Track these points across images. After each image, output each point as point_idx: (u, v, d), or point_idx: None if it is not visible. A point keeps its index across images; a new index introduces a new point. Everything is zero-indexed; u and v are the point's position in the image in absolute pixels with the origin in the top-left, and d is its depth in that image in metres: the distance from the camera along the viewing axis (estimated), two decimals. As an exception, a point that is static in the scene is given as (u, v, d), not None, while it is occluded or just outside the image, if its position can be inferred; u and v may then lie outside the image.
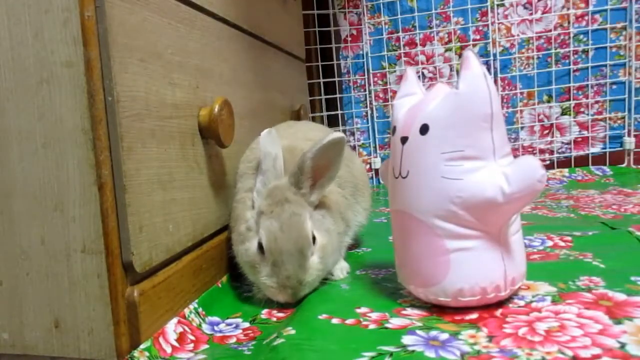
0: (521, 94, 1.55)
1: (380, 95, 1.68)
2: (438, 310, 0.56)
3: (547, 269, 0.65)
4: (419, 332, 0.51)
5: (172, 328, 0.57)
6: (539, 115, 1.55)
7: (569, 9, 1.49)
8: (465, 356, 0.45)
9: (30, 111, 0.53)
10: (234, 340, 0.58)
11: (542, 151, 1.56)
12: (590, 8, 1.48)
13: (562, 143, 1.55)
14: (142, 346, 0.53)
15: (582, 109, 1.53)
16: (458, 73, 0.54)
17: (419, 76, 1.59)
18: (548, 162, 1.55)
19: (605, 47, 1.48)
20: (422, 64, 1.62)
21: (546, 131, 1.55)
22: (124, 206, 0.52)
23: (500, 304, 0.55)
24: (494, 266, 0.53)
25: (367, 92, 1.68)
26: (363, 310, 0.58)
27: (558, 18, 1.51)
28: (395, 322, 0.54)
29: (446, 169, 0.52)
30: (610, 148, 1.52)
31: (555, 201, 1.18)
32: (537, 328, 0.49)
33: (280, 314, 0.64)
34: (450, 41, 1.60)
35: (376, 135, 1.69)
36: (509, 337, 0.48)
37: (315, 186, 0.67)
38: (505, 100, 1.56)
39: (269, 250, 0.63)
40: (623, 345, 0.44)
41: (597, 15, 1.48)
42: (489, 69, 1.55)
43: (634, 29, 1.45)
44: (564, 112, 1.54)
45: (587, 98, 1.51)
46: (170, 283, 0.59)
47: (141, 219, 0.54)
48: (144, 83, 0.57)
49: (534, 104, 1.55)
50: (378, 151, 1.69)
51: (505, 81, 1.56)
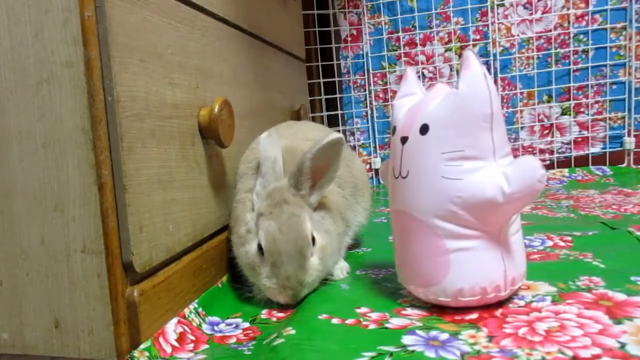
0: (521, 94, 1.55)
1: (380, 95, 1.68)
2: (438, 310, 0.56)
3: (547, 269, 0.65)
4: (419, 332, 0.51)
5: (172, 328, 0.57)
6: (539, 115, 1.55)
7: (569, 9, 1.49)
8: (465, 356, 0.45)
9: (30, 111, 0.53)
10: (234, 340, 0.58)
11: (542, 151, 1.56)
12: (590, 8, 1.48)
13: (562, 143, 1.55)
14: (142, 346, 0.53)
15: (582, 109, 1.53)
16: (458, 73, 0.54)
17: (419, 76, 1.59)
18: (548, 162, 1.55)
19: (605, 47, 1.48)
20: (422, 64, 1.62)
21: (546, 131, 1.55)
22: (124, 206, 0.52)
23: (500, 304, 0.55)
24: (494, 266, 0.53)
25: (367, 92, 1.68)
26: (363, 310, 0.58)
27: (558, 18, 1.51)
28: (395, 322, 0.54)
29: (446, 169, 0.52)
30: (610, 148, 1.52)
31: (555, 201, 1.18)
32: (537, 328, 0.49)
33: (280, 314, 0.64)
34: (450, 41, 1.60)
35: (376, 135, 1.69)
36: (509, 337, 0.48)
37: (314, 187, 0.67)
38: (505, 100, 1.56)
39: (268, 251, 0.63)
40: (623, 345, 0.44)
41: (597, 15, 1.48)
42: (489, 69, 1.55)
43: (634, 29, 1.45)
44: (564, 112, 1.54)
45: (587, 98, 1.51)
46: (170, 283, 0.59)
47: (141, 219, 0.54)
48: (144, 83, 0.57)
49: (534, 104, 1.55)
50: (378, 151, 1.69)
51: (505, 81, 1.56)
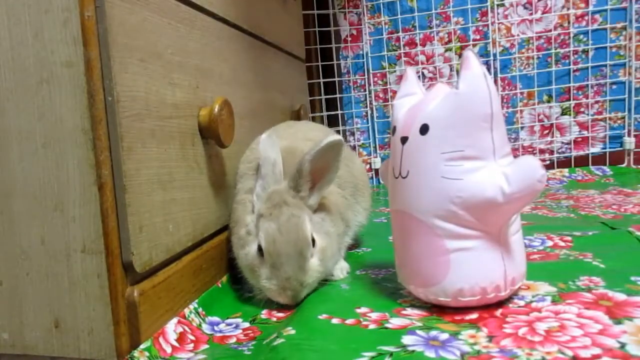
0: (521, 94, 1.55)
1: (380, 95, 1.68)
2: (438, 310, 0.56)
3: (547, 269, 0.65)
4: (419, 332, 0.51)
5: (172, 328, 0.57)
6: (539, 115, 1.55)
7: (569, 9, 1.49)
8: (465, 356, 0.45)
9: (30, 111, 0.53)
10: (234, 340, 0.58)
11: (542, 151, 1.56)
12: (590, 8, 1.48)
13: (562, 143, 1.55)
14: (142, 346, 0.53)
15: (582, 109, 1.53)
16: (458, 73, 0.54)
17: (419, 76, 1.59)
18: (548, 162, 1.55)
19: (605, 47, 1.48)
20: (422, 64, 1.62)
21: (546, 131, 1.55)
22: (124, 206, 0.52)
23: (500, 304, 0.55)
24: (494, 266, 0.53)
25: (367, 92, 1.68)
26: (363, 310, 0.58)
27: (558, 18, 1.51)
28: (395, 322, 0.54)
29: (446, 169, 0.52)
30: (610, 148, 1.52)
31: (555, 201, 1.18)
32: (537, 328, 0.49)
33: (280, 314, 0.64)
34: (450, 41, 1.60)
35: (376, 135, 1.69)
36: (509, 337, 0.48)
37: (314, 189, 0.67)
38: (505, 100, 1.56)
39: (268, 252, 0.63)
40: (623, 345, 0.44)
41: (597, 15, 1.48)
42: (489, 69, 1.55)
43: (634, 29, 1.45)
44: (564, 112, 1.54)
45: (587, 98, 1.51)
46: (170, 283, 0.59)
47: (141, 219, 0.54)
48: (144, 83, 0.57)
49: (534, 104, 1.55)
50: (378, 151, 1.69)
51: (505, 81, 1.56)
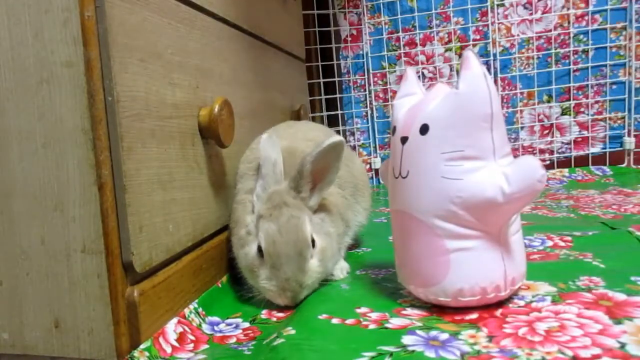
0: (521, 94, 1.55)
1: (380, 95, 1.68)
2: (438, 310, 0.56)
3: (547, 269, 0.65)
4: (419, 332, 0.51)
5: (172, 328, 0.57)
6: (539, 115, 1.55)
7: (569, 9, 1.49)
8: (465, 356, 0.45)
9: (30, 111, 0.53)
10: (234, 340, 0.58)
11: (542, 151, 1.56)
12: (590, 8, 1.48)
13: (562, 143, 1.55)
14: (142, 346, 0.53)
15: (582, 109, 1.53)
16: (458, 73, 0.54)
17: (419, 76, 1.59)
18: (548, 162, 1.55)
19: (605, 47, 1.48)
20: (422, 64, 1.62)
21: (546, 131, 1.55)
22: (124, 206, 0.52)
23: (500, 304, 0.55)
24: (494, 266, 0.53)
25: (367, 92, 1.68)
26: (363, 310, 0.58)
27: (558, 18, 1.51)
28: (395, 322, 0.54)
29: (446, 169, 0.52)
30: (610, 148, 1.52)
31: (555, 201, 1.18)
32: (537, 328, 0.49)
33: (280, 314, 0.64)
34: (450, 41, 1.60)
35: (376, 135, 1.69)
36: (509, 337, 0.48)
37: (314, 190, 0.67)
38: (505, 100, 1.56)
39: (267, 253, 0.63)
40: (623, 345, 0.44)
41: (597, 15, 1.48)
42: (489, 69, 1.55)
43: (634, 29, 1.45)
44: (564, 112, 1.54)
45: (587, 98, 1.51)
46: (170, 283, 0.59)
47: (141, 219, 0.54)
48: (144, 83, 0.57)
49: (534, 104, 1.55)
50: (378, 151, 1.69)
51: (505, 81, 1.56)
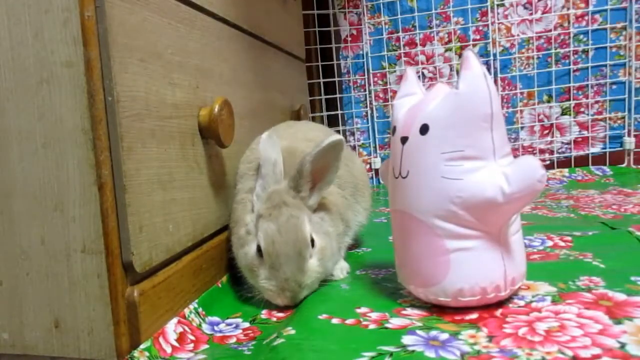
0: (521, 94, 1.55)
1: (380, 95, 1.68)
2: (438, 310, 0.56)
3: (547, 269, 0.65)
4: (419, 332, 0.51)
5: (172, 328, 0.57)
6: (539, 115, 1.55)
7: (569, 9, 1.49)
8: (465, 356, 0.45)
9: (30, 111, 0.53)
10: (234, 340, 0.58)
11: (542, 151, 1.56)
12: (590, 8, 1.48)
13: (562, 143, 1.55)
14: (142, 346, 0.53)
15: (582, 109, 1.53)
16: (458, 73, 0.54)
17: (419, 76, 1.59)
18: (548, 162, 1.55)
19: (605, 47, 1.48)
20: (422, 64, 1.62)
21: (546, 131, 1.55)
22: (124, 206, 0.52)
23: (500, 304, 0.55)
24: (494, 266, 0.53)
25: (367, 92, 1.68)
26: (363, 310, 0.58)
27: (558, 18, 1.51)
28: (395, 322, 0.54)
29: (446, 169, 0.52)
30: (610, 148, 1.52)
31: (555, 201, 1.18)
32: (537, 328, 0.49)
33: (280, 314, 0.64)
34: (450, 41, 1.60)
35: (376, 135, 1.69)
36: (509, 337, 0.48)
37: (314, 189, 0.68)
38: (505, 100, 1.56)
39: (267, 253, 0.63)
40: (623, 345, 0.44)
41: (597, 15, 1.48)
42: (489, 69, 1.55)
43: (634, 29, 1.45)
44: (564, 112, 1.54)
45: (587, 98, 1.51)
46: (170, 283, 0.59)
47: (141, 219, 0.54)
48: (144, 83, 0.57)
49: (534, 104, 1.55)
50: (378, 151, 1.69)
51: (505, 81, 1.56)
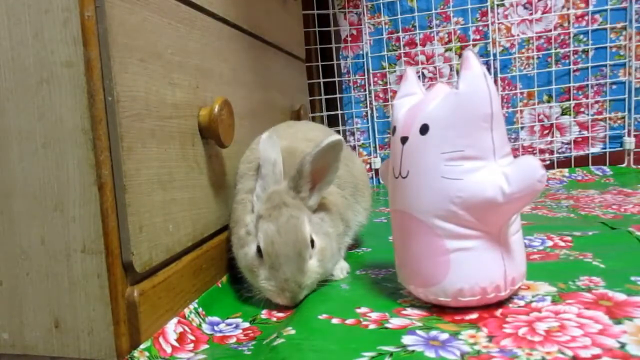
0: (521, 94, 1.55)
1: (380, 95, 1.68)
2: (438, 310, 0.56)
3: (547, 269, 0.65)
4: (419, 332, 0.51)
5: (172, 328, 0.57)
6: (539, 115, 1.55)
7: (569, 9, 1.49)
8: (465, 356, 0.45)
9: (30, 111, 0.53)
10: (234, 340, 0.58)
11: (542, 151, 1.56)
12: (590, 8, 1.48)
13: (562, 143, 1.55)
14: (142, 346, 0.53)
15: (582, 109, 1.53)
16: (458, 73, 0.54)
17: (419, 76, 1.59)
18: (548, 162, 1.55)
19: (605, 47, 1.48)
20: (422, 64, 1.62)
21: (546, 131, 1.55)
22: (124, 206, 0.52)
23: (500, 304, 0.55)
24: (494, 266, 0.53)
25: (367, 92, 1.68)
26: (363, 310, 0.58)
27: (558, 18, 1.51)
28: (395, 322, 0.54)
29: (446, 169, 0.52)
30: (610, 148, 1.52)
31: (555, 201, 1.18)
32: (537, 328, 0.49)
33: (280, 314, 0.64)
34: (450, 41, 1.59)
35: (376, 135, 1.69)
36: (509, 337, 0.48)
37: (314, 189, 0.68)
38: (505, 100, 1.56)
39: (266, 253, 0.63)
40: (623, 345, 0.44)
41: (597, 15, 1.48)
42: (489, 69, 1.55)
43: (634, 29, 1.45)
44: (564, 112, 1.54)
45: (587, 98, 1.51)
46: (170, 283, 0.59)
47: (141, 219, 0.54)
48: (144, 83, 0.57)
49: (534, 104, 1.55)
50: (378, 151, 1.69)
51: (505, 81, 1.56)
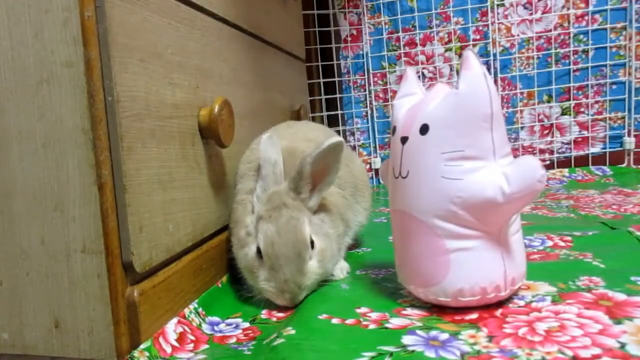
0: (521, 94, 1.55)
1: (380, 95, 1.68)
2: (438, 310, 0.56)
3: (547, 269, 0.65)
4: (419, 332, 0.51)
5: (172, 328, 0.57)
6: (539, 115, 1.55)
7: (569, 9, 1.49)
8: (465, 356, 0.45)
9: (30, 111, 0.53)
10: (234, 340, 0.58)
11: (542, 151, 1.56)
12: (590, 8, 1.48)
13: (562, 143, 1.55)
14: (142, 346, 0.53)
15: (582, 109, 1.53)
16: (458, 73, 0.54)
17: (419, 76, 1.59)
18: (548, 162, 1.55)
19: (605, 47, 1.48)
20: (422, 64, 1.62)
21: (546, 131, 1.55)
22: (124, 206, 0.52)
23: (500, 304, 0.55)
24: (494, 266, 0.53)
25: (367, 92, 1.68)
26: (363, 310, 0.58)
27: (558, 18, 1.51)
28: (395, 322, 0.54)
29: (446, 169, 0.52)
30: (610, 148, 1.52)
31: (555, 201, 1.18)
32: (537, 328, 0.49)
33: (280, 314, 0.64)
34: (450, 41, 1.60)
35: (376, 135, 1.69)
36: (509, 337, 0.48)
37: (314, 190, 0.68)
38: (505, 100, 1.56)
39: (266, 254, 0.63)
40: (623, 345, 0.44)
41: (597, 15, 1.48)
42: (489, 69, 1.55)
43: (634, 29, 1.45)
44: (564, 112, 1.54)
45: (587, 98, 1.51)
46: (170, 283, 0.59)
47: (141, 219, 0.54)
48: (144, 83, 0.57)
49: (534, 104, 1.55)
50: (378, 151, 1.69)
51: (505, 81, 1.56)
